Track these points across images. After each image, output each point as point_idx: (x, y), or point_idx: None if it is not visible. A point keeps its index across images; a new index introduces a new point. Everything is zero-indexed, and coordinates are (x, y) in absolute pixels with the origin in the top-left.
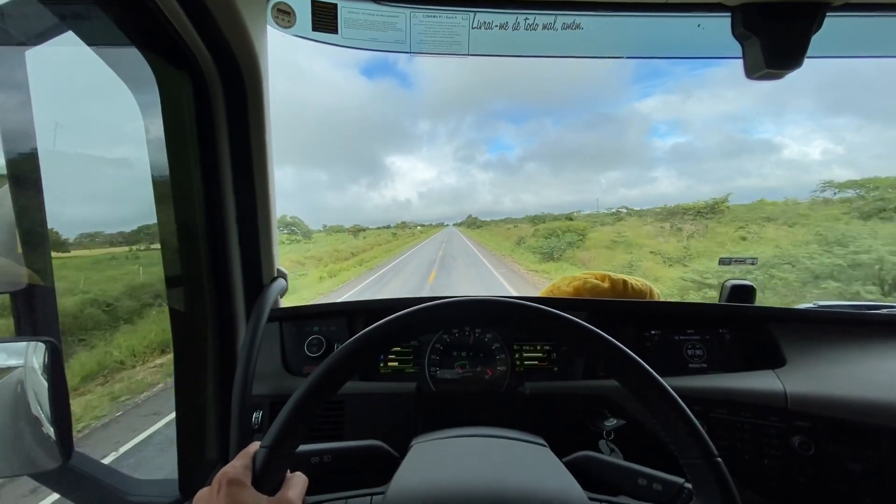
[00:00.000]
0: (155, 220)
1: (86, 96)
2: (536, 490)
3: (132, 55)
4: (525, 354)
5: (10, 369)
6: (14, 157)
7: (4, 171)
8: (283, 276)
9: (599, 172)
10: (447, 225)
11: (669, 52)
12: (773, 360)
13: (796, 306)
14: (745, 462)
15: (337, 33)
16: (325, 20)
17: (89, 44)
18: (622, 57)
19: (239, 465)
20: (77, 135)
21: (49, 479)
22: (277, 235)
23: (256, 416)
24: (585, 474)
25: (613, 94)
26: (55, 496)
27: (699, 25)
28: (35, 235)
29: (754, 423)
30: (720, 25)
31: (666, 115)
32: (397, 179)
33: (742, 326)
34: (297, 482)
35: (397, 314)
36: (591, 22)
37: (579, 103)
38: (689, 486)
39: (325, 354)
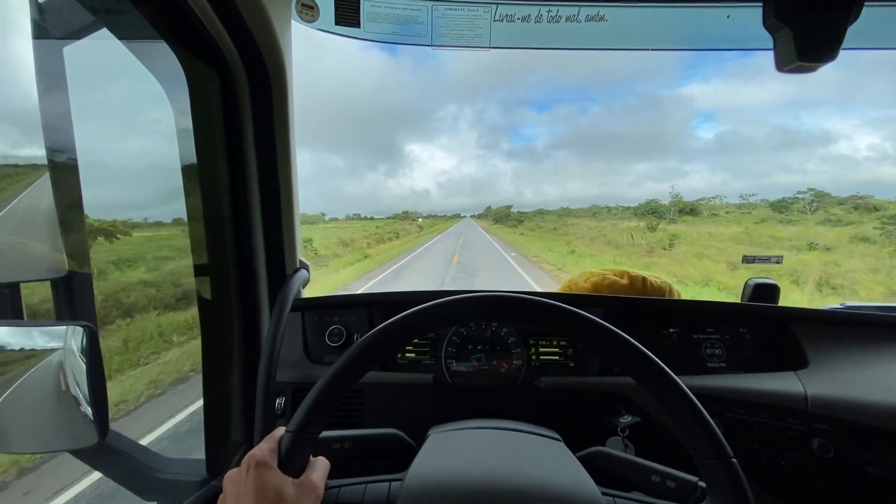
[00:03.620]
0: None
1: (119, 90)
2: (550, 483)
3: (163, 51)
4: (541, 349)
5: (50, 351)
6: (54, 148)
7: (45, 162)
8: (305, 266)
9: (630, 164)
10: (464, 216)
11: (697, 44)
12: (795, 362)
13: (821, 307)
14: (762, 463)
15: (359, 27)
16: (347, 14)
17: (122, 39)
18: (648, 49)
19: (266, 448)
20: (111, 127)
21: (86, 456)
22: (300, 227)
23: (279, 401)
24: (599, 469)
25: (659, 74)
26: (84, 483)
27: (728, 16)
28: (73, 224)
29: (773, 424)
30: (751, 16)
31: (711, 102)
32: (416, 168)
33: (764, 326)
34: (319, 466)
35: (417, 308)
36: (615, 13)
37: (616, 83)
38: (702, 484)
39: (346, 344)
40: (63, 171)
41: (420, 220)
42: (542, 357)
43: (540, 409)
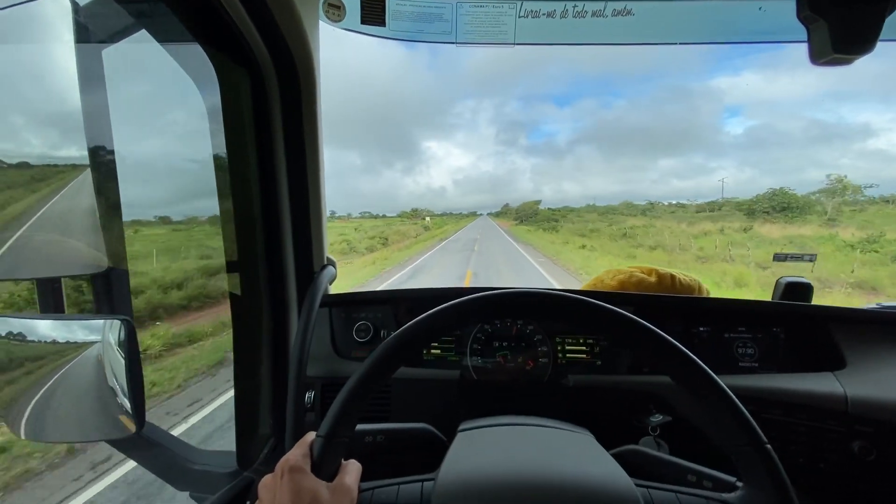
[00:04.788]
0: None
1: (154, 91)
2: (583, 476)
3: (196, 52)
4: (567, 346)
5: (90, 344)
6: (94, 148)
7: (83, 161)
8: (333, 263)
9: (655, 160)
10: (480, 214)
11: (727, 37)
12: (832, 362)
13: (858, 307)
14: (800, 465)
15: (385, 25)
16: (373, 13)
17: (159, 40)
18: (676, 43)
19: (298, 453)
20: (147, 127)
21: (123, 446)
22: (327, 224)
23: (309, 395)
24: (633, 467)
25: (687, 65)
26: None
27: (760, 8)
28: (111, 221)
29: (811, 425)
30: (784, 8)
31: (742, 94)
32: (432, 165)
33: (797, 326)
34: (352, 469)
35: (442, 307)
36: (642, 7)
37: (642, 75)
38: (740, 484)
39: (373, 340)
40: (102, 170)
41: (427, 219)
42: (568, 355)
43: (568, 407)
